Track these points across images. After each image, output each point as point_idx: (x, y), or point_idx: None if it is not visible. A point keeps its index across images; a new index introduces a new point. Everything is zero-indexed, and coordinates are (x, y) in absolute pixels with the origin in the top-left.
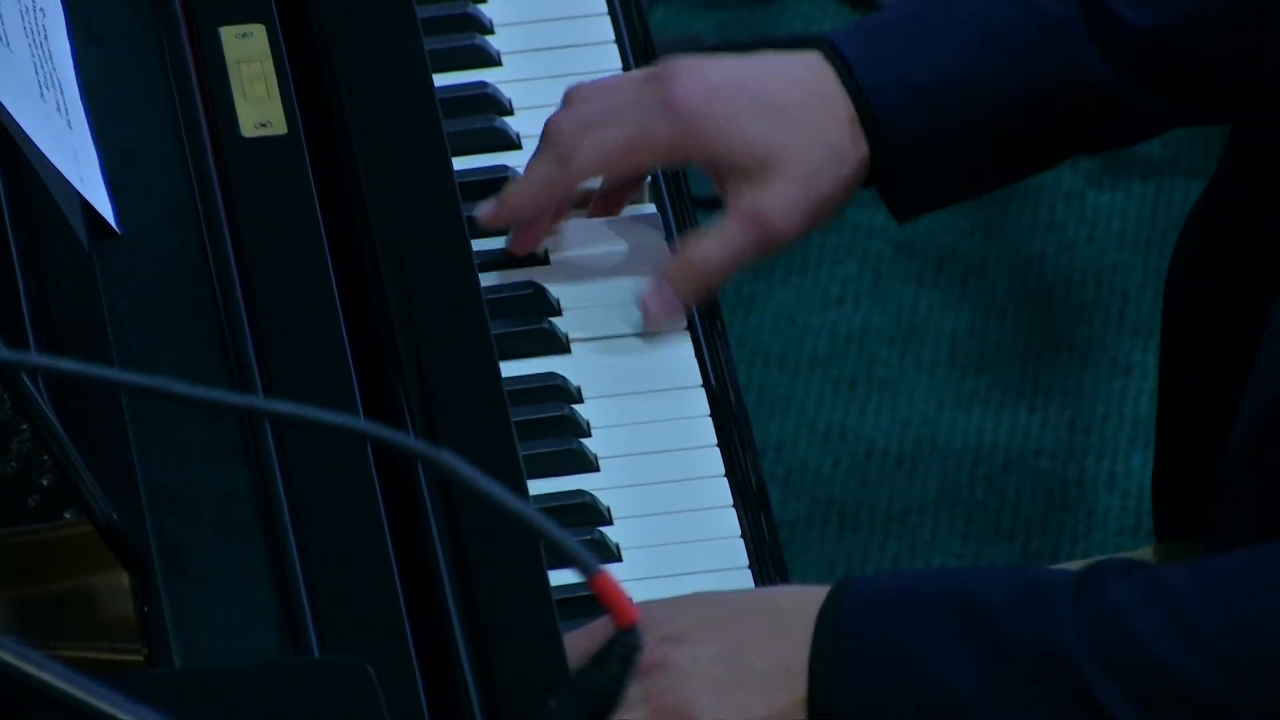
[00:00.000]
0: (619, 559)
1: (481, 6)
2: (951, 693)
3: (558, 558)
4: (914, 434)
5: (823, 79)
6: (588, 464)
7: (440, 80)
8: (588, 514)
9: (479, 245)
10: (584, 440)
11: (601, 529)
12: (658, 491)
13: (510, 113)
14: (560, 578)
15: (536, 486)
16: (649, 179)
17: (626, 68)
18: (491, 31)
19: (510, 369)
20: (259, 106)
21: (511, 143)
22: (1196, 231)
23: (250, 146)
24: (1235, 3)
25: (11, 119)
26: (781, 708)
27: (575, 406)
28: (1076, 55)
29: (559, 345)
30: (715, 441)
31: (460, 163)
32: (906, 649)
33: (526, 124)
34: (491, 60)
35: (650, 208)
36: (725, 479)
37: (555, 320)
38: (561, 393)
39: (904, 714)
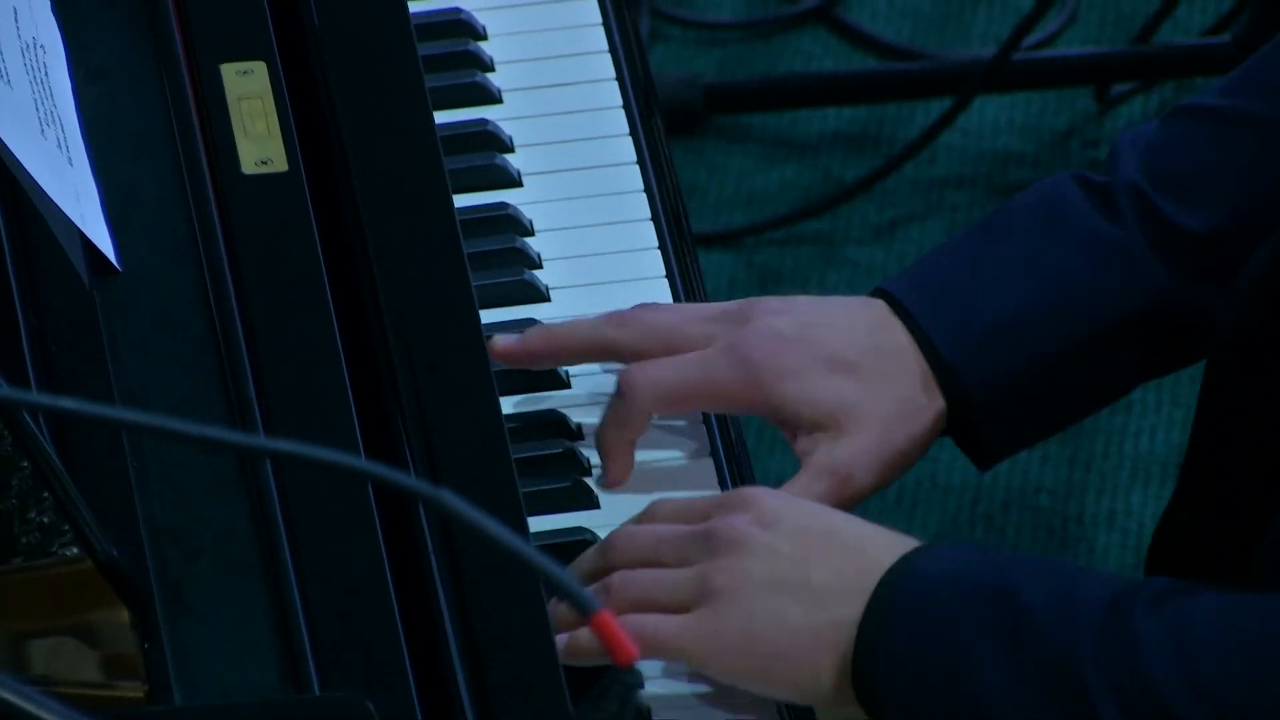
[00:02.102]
0: None
1: (482, 44)
2: (979, 690)
3: (558, 595)
4: (914, 471)
5: (892, 333)
6: (589, 501)
7: (441, 117)
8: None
9: (478, 281)
10: (585, 477)
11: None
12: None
13: (511, 150)
14: None
15: (537, 523)
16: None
17: (626, 105)
18: (492, 69)
19: (510, 405)
20: (260, 143)
21: (512, 180)
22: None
23: (251, 184)
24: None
25: (12, 156)
26: (815, 627)
27: (576, 443)
28: (1143, 273)
29: (560, 380)
30: (716, 478)
31: (461, 200)
32: (946, 639)
33: (527, 161)
34: (492, 98)
35: None
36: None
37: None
38: (562, 428)
39: (933, 699)
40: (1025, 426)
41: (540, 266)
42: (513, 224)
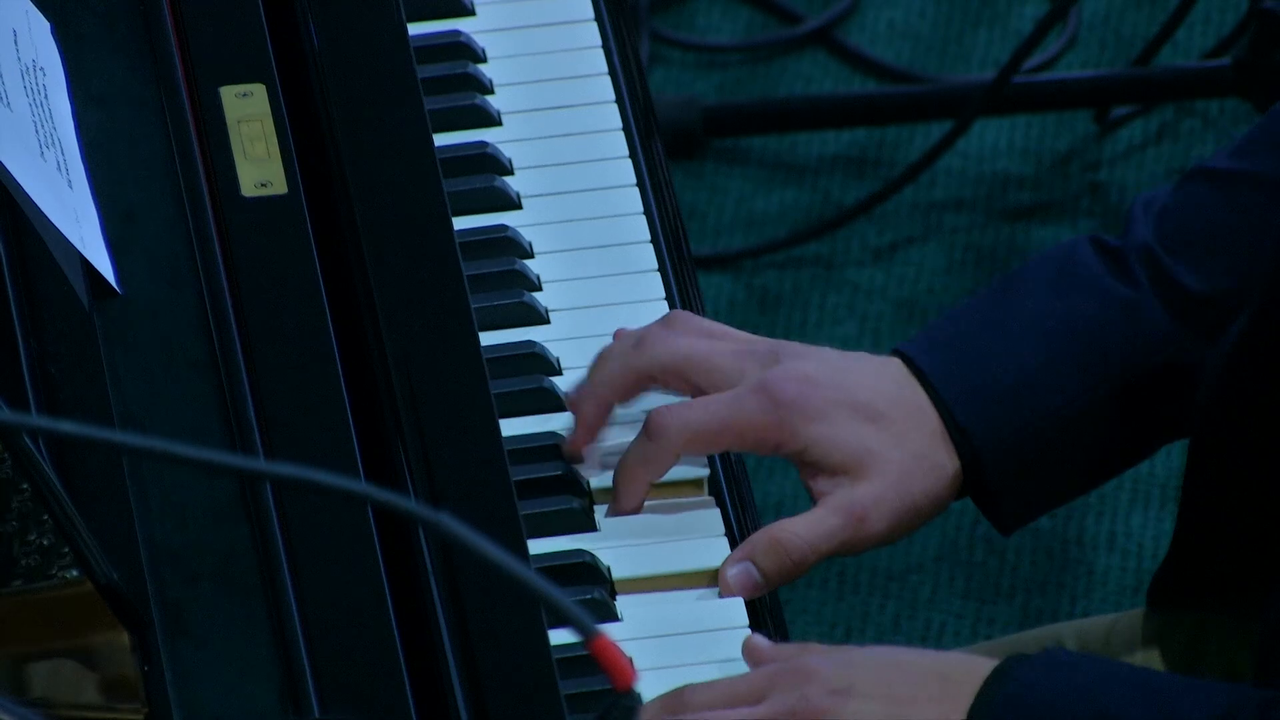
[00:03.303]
0: (618, 618)
1: (482, 66)
2: None
3: (557, 618)
4: None
5: (912, 389)
6: (588, 524)
7: (440, 140)
8: (587, 573)
9: (477, 303)
10: (584, 500)
11: (601, 588)
12: (658, 550)
13: (510, 172)
14: (560, 637)
15: (536, 546)
16: None
17: (626, 128)
18: (491, 91)
19: (510, 427)
20: (259, 166)
21: (511, 202)
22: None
23: (250, 206)
24: None
25: (12, 179)
26: None
27: (575, 465)
28: (1155, 333)
29: (559, 402)
30: (715, 501)
31: (460, 222)
32: None
33: (526, 183)
34: (492, 120)
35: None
36: (725, 538)
37: (555, 380)
38: (560, 450)
39: None
40: (1041, 490)
41: (540, 288)
42: (512, 246)
